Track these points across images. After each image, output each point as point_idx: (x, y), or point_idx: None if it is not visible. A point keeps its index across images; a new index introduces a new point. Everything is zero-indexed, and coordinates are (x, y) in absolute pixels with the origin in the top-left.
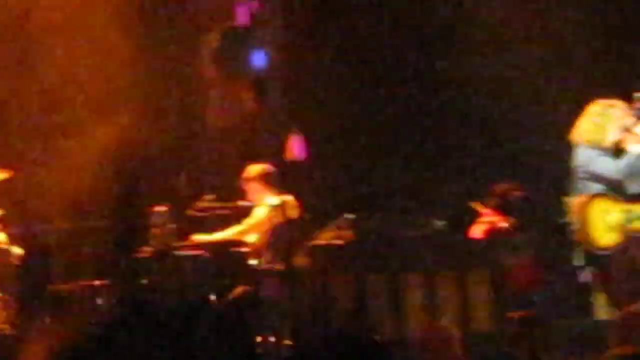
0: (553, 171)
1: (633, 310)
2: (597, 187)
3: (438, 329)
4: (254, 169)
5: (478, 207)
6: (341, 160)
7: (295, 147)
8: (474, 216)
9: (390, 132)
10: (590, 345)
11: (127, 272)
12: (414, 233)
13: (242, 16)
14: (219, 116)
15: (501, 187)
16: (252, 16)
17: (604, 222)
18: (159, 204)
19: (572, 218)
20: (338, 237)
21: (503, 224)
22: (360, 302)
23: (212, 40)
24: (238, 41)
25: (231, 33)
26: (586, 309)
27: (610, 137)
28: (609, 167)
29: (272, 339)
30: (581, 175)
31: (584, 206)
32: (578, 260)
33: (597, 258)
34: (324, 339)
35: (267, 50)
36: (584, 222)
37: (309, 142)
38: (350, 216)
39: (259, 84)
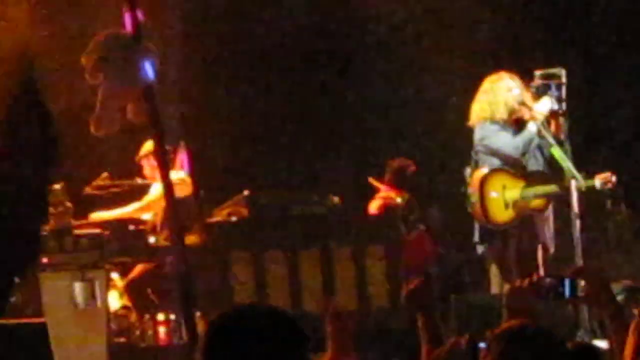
0: (456, 147)
1: (519, 285)
2: (495, 162)
3: (333, 305)
4: (148, 145)
5: (374, 182)
6: (239, 139)
7: (182, 161)
8: (370, 192)
9: (288, 111)
10: (485, 319)
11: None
12: (310, 209)
13: (129, 24)
14: (99, 125)
15: (396, 162)
16: (138, 25)
17: (501, 198)
18: (54, 182)
19: (470, 192)
20: (234, 214)
21: (398, 199)
22: (258, 279)
23: (98, 46)
24: (125, 50)
25: (118, 40)
26: (482, 285)
27: (502, 109)
28: (506, 142)
29: (173, 317)
30: (480, 149)
31: (483, 180)
32: (475, 236)
33: (492, 233)
34: (229, 315)
35: (155, 61)
36: (480, 197)
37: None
38: (246, 193)
39: (147, 94)
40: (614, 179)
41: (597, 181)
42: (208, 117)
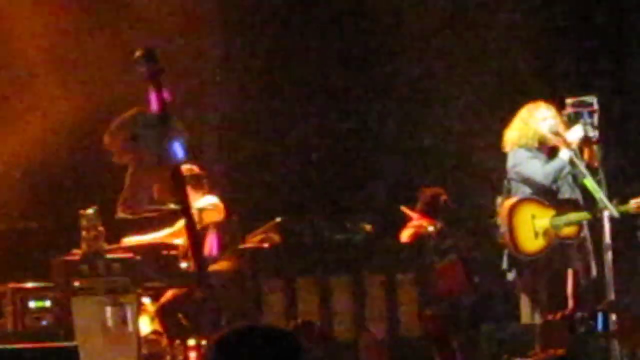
0: (488, 174)
1: (552, 318)
2: (527, 191)
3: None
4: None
5: (406, 211)
6: (270, 164)
7: (211, 244)
8: (402, 220)
9: (323, 138)
10: (515, 350)
11: (59, 274)
12: (342, 236)
13: (154, 104)
14: (125, 205)
15: (429, 191)
16: (164, 105)
17: (530, 227)
18: (87, 206)
19: (500, 221)
20: (266, 240)
21: (430, 228)
22: (289, 306)
23: (125, 126)
24: (154, 129)
25: (145, 119)
26: (512, 313)
27: (533, 137)
28: (537, 170)
29: (204, 342)
30: (512, 176)
31: (512, 209)
32: (504, 263)
33: (521, 262)
34: (255, 339)
35: (184, 141)
36: (510, 226)
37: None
38: (279, 219)
39: (176, 174)
40: None
41: (632, 204)
42: (244, 143)
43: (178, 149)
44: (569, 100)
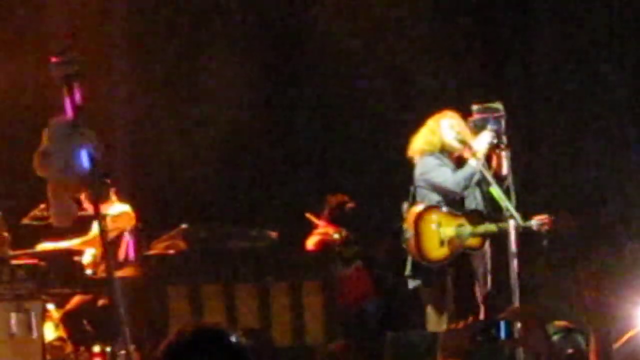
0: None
1: (454, 326)
2: (435, 198)
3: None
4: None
5: (312, 218)
6: (176, 170)
7: (127, 248)
8: (308, 227)
9: (226, 146)
10: (420, 358)
11: None
12: (247, 243)
13: (69, 110)
14: (58, 219)
15: (335, 198)
16: (77, 110)
17: (436, 235)
18: None
19: (406, 227)
20: (172, 247)
21: (336, 235)
22: (195, 312)
23: (44, 138)
24: (61, 141)
25: (59, 129)
26: (419, 320)
27: (439, 146)
28: (447, 178)
29: (109, 349)
30: (420, 183)
31: (419, 216)
32: (407, 270)
33: (428, 271)
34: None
35: (92, 149)
36: (415, 233)
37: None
38: (185, 226)
39: (87, 184)
40: (551, 220)
41: (534, 222)
42: (149, 149)
43: (84, 158)
44: (474, 107)
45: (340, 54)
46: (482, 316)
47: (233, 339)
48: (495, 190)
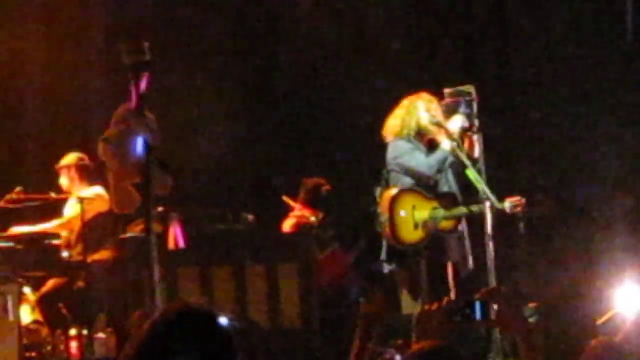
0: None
1: (429, 308)
2: (408, 181)
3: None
4: (70, 157)
5: (288, 201)
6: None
7: (175, 236)
8: (284, 210)
9: (204, 128)
10: (395, 340)
11: None
12: (223, 226)
13: (133, 98)
14: (120, 206)
15: (310, 181)
16: (141, 98)
17: (410, 218)
18: None
19: (381, 210)
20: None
21: (312, 218)
22: (171, 294)
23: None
24: (123, 127)
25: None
26: (394, 302)
27: (414, 127)
28: (421, 161)
29: (85, 332)
30: (393, 167)
31: (393, 200)
32: (383, 254)
33: (402, 254)
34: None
35: (150, 136)
36: (390, 217)
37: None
38: (160, 209)
39: (140, 170)
40: (524, 202)
41: (507, 204)
42: None
43: (139, 145)
44: (447, 90)
45: (312, 38)
46: (455, 297)
47: (221, 320)
48: (472, 172)
